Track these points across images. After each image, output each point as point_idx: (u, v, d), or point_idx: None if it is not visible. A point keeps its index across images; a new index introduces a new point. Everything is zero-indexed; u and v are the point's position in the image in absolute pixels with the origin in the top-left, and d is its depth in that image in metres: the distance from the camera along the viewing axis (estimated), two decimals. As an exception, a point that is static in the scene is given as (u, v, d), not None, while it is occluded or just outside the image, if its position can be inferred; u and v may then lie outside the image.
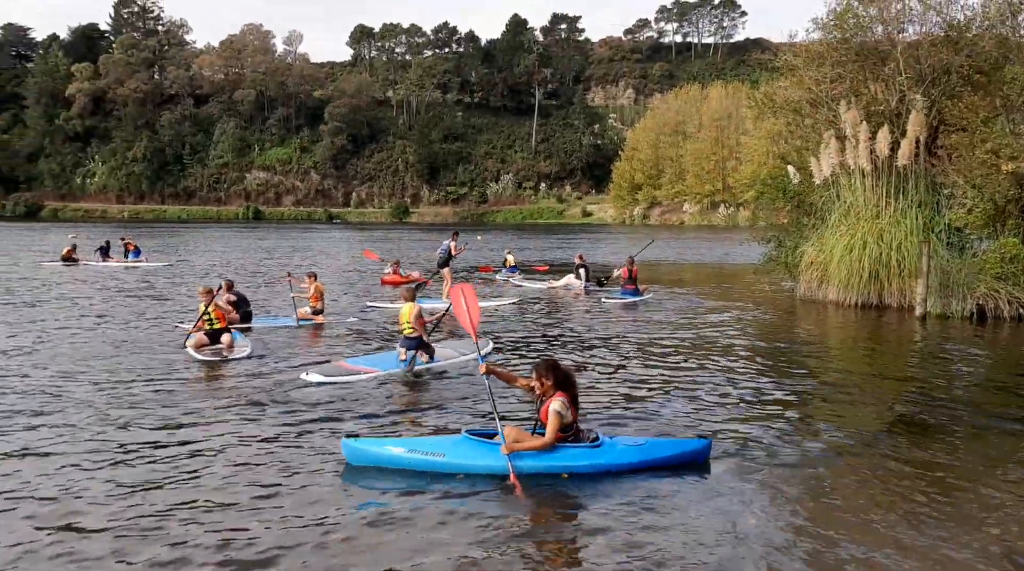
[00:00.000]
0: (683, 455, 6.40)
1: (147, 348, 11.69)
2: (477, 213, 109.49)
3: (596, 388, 9.21)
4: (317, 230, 72.95)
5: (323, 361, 10.53)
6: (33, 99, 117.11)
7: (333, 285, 21.57)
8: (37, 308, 16.29)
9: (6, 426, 7.42)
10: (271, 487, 5.87)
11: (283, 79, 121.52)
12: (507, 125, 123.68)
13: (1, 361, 10.52)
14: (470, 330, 7.18)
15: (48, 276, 23.85)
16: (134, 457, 6.54)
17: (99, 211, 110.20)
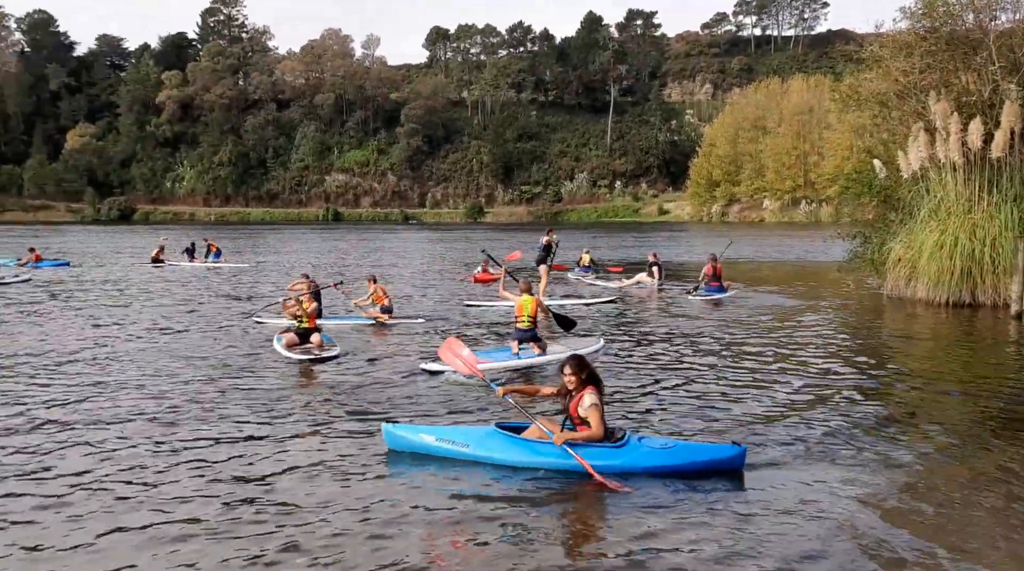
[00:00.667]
0: (713, 462, 6.04)
1: (235, 346, 12.15)
2: (551, 212, 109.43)
3: (677, 385, 9.19)
4: (393, 231, 74.18)
5: (423, 357, 10.66)
6: (126, 107, 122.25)
7: (413, 286, 21.97)
8: (130, 308, 17.09)
9: (105, 419, 7.83)
10: (345, 477, 6.05)
11: (361, 82, 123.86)
12: (582, 123, 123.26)
13: (98, 359, 11.08)
14: (473, 371, 7.29)
15: (139, 277, 24.95)
16: (223, 452, 6.84)
17: (187, 214, 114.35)
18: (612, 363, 10.54)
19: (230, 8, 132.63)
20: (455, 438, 6.58)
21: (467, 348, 7.56)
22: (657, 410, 8.11)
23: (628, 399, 8.61)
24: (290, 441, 7.08)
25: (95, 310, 16.55)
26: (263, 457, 6.60)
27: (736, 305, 16.89)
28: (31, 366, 10.47)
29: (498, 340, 12.47)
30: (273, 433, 7.33)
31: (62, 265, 29.14)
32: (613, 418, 7.62)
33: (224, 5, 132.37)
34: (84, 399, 8.65)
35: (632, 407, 8.25)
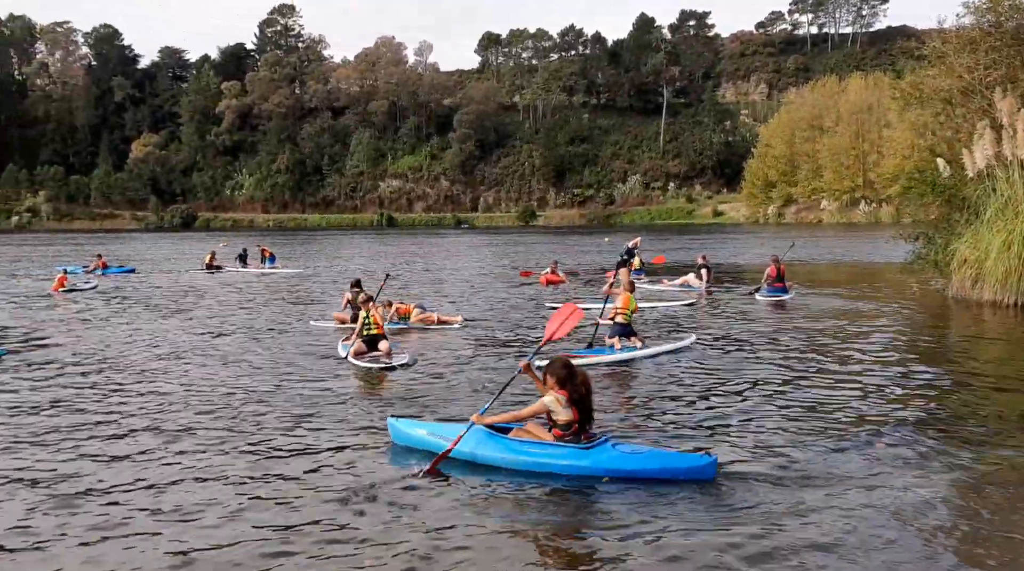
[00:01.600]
0: (681, 471, 5.90)
1: (298, 352, 12.42)
2: (604, 215, 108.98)
3: (741, 389, 9.16)
4: (446, 235, 74.75)
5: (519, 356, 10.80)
6: (187, 117, 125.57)
7: (469, 289, 22.17)
8: (190, 313, 17.57)
9: (166, 426, 8.10)
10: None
11: (414, 89, 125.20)
12: (634, 125, 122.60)
13: (158, 365, 11.42)
14: (547, 335, 7.42)
15: (196, 283, 25.63)
16: (279, 453, 7.02)
17: (247, 220, 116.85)
18: (679, 366, 10.60)
19: (287, 19, 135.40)
20: (443, 433, 6.72)
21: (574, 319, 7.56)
22: (723, 413, 8.10)
23: (691, 401, 8.63)
24: (350, 448, 7.24)
25: (157, 315, 17.06)
26: (324, 464, 6.77)
27: (799, 307, 16.73)
28: (95, 369, 10.89)
29: (571, 342, 12.53)
30: (329, 437, 7.51)
31: (128, 271, 30.06)
32: (656, 421, 7.65)
33: (281, 16, 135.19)
34: (146, 401, 8.97)
35: (693, 408, 8.28)
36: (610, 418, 7.93)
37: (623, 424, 7.75)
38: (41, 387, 9.76)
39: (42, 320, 16.48)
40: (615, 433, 6.96)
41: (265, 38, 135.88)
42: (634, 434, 7.35)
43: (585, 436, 6.29)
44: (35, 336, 14.19)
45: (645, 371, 10.34)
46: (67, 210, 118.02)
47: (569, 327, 7.53)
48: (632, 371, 10.41)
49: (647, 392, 9.22)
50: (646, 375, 10.15)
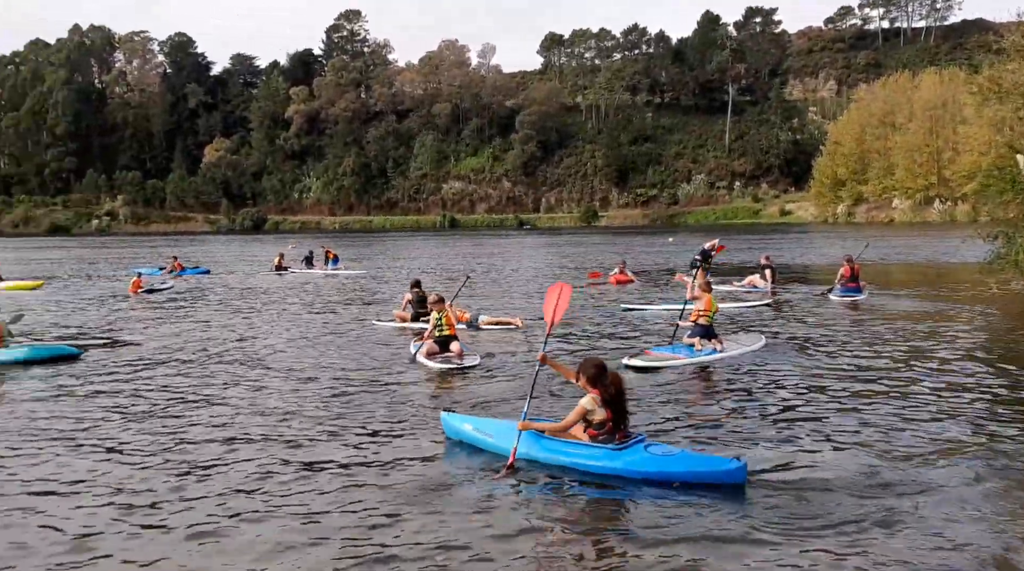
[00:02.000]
0: (711, 474, 5.87)
1: (361, 351, 12.65)
2: (667, 215, 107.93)
3: (806, 391, 9.02)
4: (508, 236, 74.99)
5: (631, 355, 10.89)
6: (257, 122, 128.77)
7: (535, 290, 22.24)
8: (261, 313, 18.05)
9: (238, 424, 8.34)
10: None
11: (477, 91, 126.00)
12: (699, 124, 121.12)
13: (231, 364, 11.75)
14: (548, 322, 7.43)
15: (266, 284, 26.30)
16: (347, 451, 7.17)
17: (314, 222, 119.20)
18: (752, 367, 10.53)
19: (353, 24, 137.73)
20: (485, 429, 7.03)
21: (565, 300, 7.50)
22: (788, 418, 7.98)
23: (758, 404, 8.54)
24: (412, 446, 7.37)
25: (229, 315, 17.57)
26: (383, 459, 6.90)
27: (873, 308, 16.40)
28: (171, 368, 11.27)
29: (643, 342, 12.61)
30: (388, 434, 7.65)
31: (203, 272, 31.08)
32: (722, 421, 7.57)
33: (347, 21, 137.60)
34: (219, 399, 9.25)
35: (759, 411, 8.19)
36: (674, 418, 7.93)
37: (685, 425, 7.73)
38: (119, 385, 10.15)
39: (120, 320, 17.12)
40: (674, 434, 6.95)
41: (332, 43, 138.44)
42: (695, 435, 7.33)
43: (620, 435, 6.35)
44: (113, 335, 14.76)
45: (721, 373, 10.33)
46: (144, 213, 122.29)
47: (564, 305, 7.45)
48: (709, 373, 10.41)
49: (717, 394, 9.20)
50: (721, 377, 10.12)
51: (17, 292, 24.60)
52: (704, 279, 12.87)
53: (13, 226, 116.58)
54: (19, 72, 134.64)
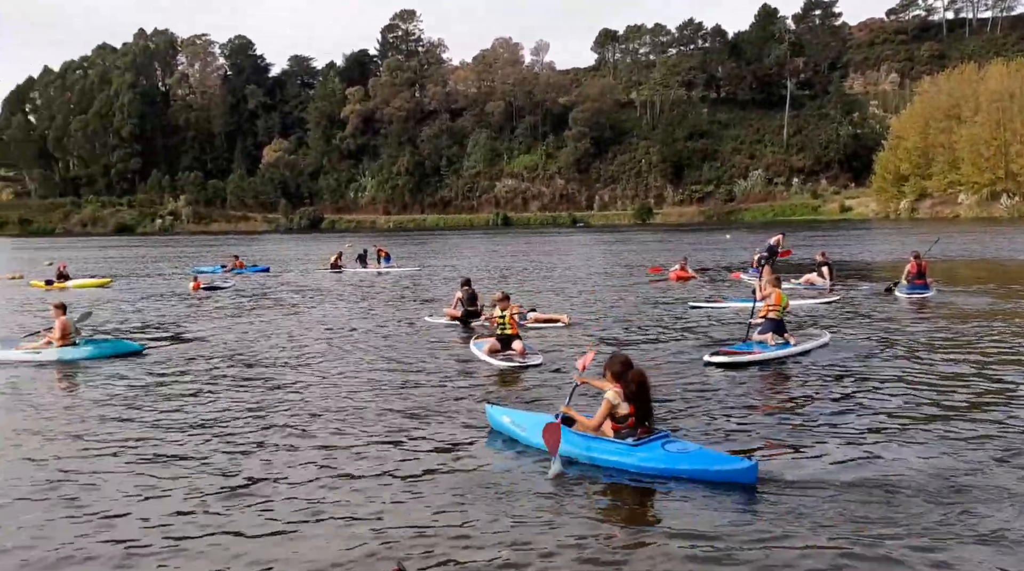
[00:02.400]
0: (722, 472, 5.97)
1: (412, 346, 12.76)
2: (724, 212, 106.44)
3: (869, 390, 8.89)
4: (561, 234, 74.83)
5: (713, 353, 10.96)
6: (314, 122, 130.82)
7: (591, 287, 22.21)
8: (316, 309, 18.35)
9: (296, 420, 8.47)
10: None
11: (530, 88, 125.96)
12: (756, 119, 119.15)
13: (288, 360, 11.98)
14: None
15: (323, 282, 26.73)
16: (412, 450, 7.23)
17: (369, 221, 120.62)
18: (816, 364, 10.49)
19: (407, 24, 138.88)
20: (520, 421, 7.36)
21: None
22: (866, 415, 7.86)
23: (837, 400, 8.49)
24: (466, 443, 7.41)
25: (286, 312, 17.93)
26: (431, 452, 6.95)
27: (942, 305, 16.00)
28: (229, 364, 11.53)
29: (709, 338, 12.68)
30: (440, 427, 7.72)
31: (263, 270, 31.84)
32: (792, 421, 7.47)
33: (402, 21, 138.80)
34: (276, 395, 9.43)
35: (838, 407, 8.14)
36: (749, 414, 7.97)
37: (758, 423, 7.77)
38: (178, 381, 10.43)
39: (181, 317, 17.57)
40: (750, 429, 6.89)
41: (387, 43, 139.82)
42: (768, 433, 7.33)
43: (643, 431, 6.50)
44: (174, 332, 15.16)
45: (794, 369, 10.39)
46: (205, 213, 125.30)
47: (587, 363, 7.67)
48: (784, 368, 10.48)
49: (793, 389, 9.28)
50: (794, 373, 10.16)
51: (87, 290, 25.47)
52: (771, 275, 12.83)
53: (82, 226, 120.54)
54: (87, 76, 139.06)
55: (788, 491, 5.76)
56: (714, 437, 7.26)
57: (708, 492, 5.84)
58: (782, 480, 5.98)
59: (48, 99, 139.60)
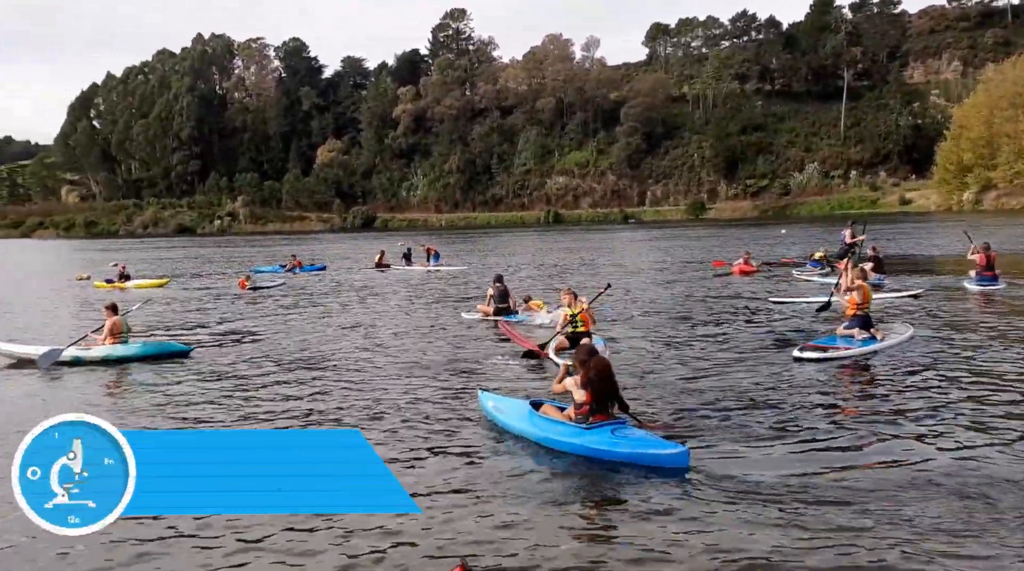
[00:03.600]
0: (654, 456, 6.45)
1: (453, 342, 12.80)
2: (779, 206, 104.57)
3: (967, 383, 8.85)
4: (613, 231, 74.42)
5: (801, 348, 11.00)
6: (367, 122, 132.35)
7: (650, 283, 22.17)
8: (364, 306, 18.58)
9: (347, 415, 8.55)
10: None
11: (581, 84, 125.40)
12: (812, 111, 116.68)
13: (337, 356, 12.14)
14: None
15: (373, 280, 27.09)
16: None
17: (421, 220, 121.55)
18: (907, 358, 10.39)
19: (458, 22, 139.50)
20: (500, 406, 7.93)
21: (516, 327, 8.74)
22: (953, 410, 7.81)
23: (926, 395, 8.46)
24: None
25: (335, 309, 18.26)
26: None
27: (1014, 298, 15.64)
28: (278, 362, 11.74)
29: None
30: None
31: (319, 269, 32.55)
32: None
33: (452, 20, 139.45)
34: (325, 391, 9.57)
35: (927, 402, 8.12)
36: (837, 411, 8.07)
37: (839, 417, 7.81)
38: (222, 383, 10.62)
39: (231, 317, 17.95)
40: (846, 423, 7.25)
41: (438, 42, 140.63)
42: (856, 427, 7.38)
43: (599, 417, 6.98)
44: (223, 332, 15.48)
45: (882, 363, 10.35)
46: (261, 213, 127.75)
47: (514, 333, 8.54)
48: (871, 363, 10.43)
49: (880, 384, 9.26)
50: (882, 367, 10.11)
51: (143, 290, 26.20)
52: (852, 270, 12.74)
53: (144, 227, 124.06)
54: (148, 81, 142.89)
55: (880, 488, 5.80)
56: (799, 434, 7.26)
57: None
58: (872, 477, 6.00)
59: (111, 104, 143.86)
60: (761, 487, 5.91)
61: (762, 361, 10.65)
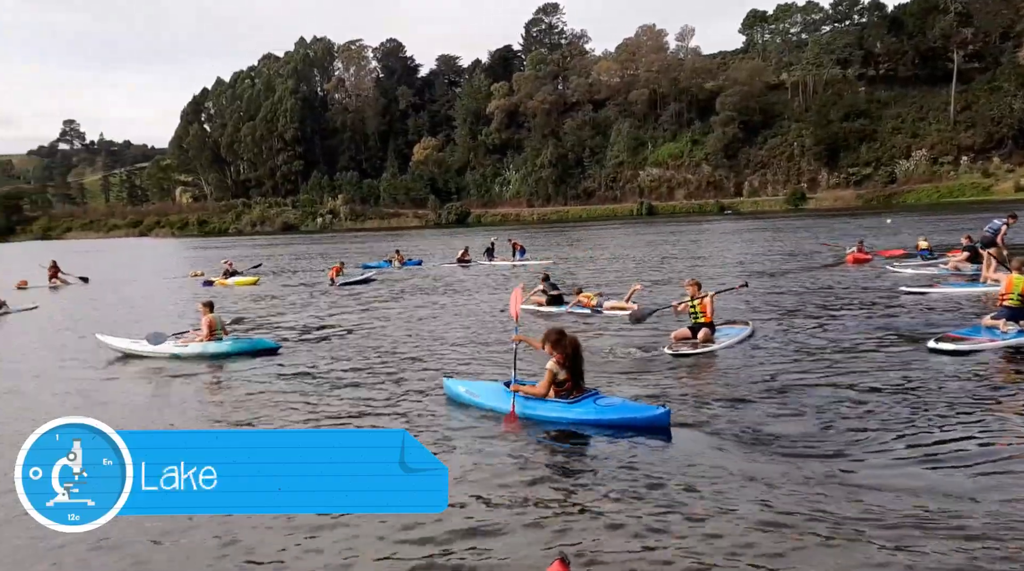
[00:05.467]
0: (639, 419, 7.41)
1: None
2: (883, 195, 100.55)
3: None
4: (708, 222, 73.31)
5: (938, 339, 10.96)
6: (461, 119, 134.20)
7: (779, 274, 22.30)
8: (453, 299, 19.38)
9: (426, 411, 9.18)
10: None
11: (675, 75, 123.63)
12: (918, 96, 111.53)
13: (412, 359, 12.79)
14: (513, 314, 9.21)
15: (461, 275, 27.87)
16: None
17: (513, 215, 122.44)
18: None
19: (550, 17, 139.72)
20: (474, 390, 8.81)
21: (519, 298, 9.43)
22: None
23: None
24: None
25: (418, 303, 19.15)
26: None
27: None
28: (361, 363, 12.44)
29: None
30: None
31: (416, 264, 33.75)
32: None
33: (545, 15, 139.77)
34: (399, 392, 10.23)
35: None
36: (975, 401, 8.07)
37: (976, 411, 7.78)
38: (309, 377, 11.38)
39: (319, 314, 18.97)
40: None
41: (530, 38, 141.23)
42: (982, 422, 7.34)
43: (577, 391, 7.92)
44: (311, 328, 16.45)
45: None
46: (360, 211, 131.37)
47: (517, 304, 9.21)
48: (1018, 356, 10.15)
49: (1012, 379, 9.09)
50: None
51: (241, 286, 27.83)
52: (994, 262, 12.53)
53: (251, 226, 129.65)
54: (254, 85, 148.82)
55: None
56: (936, 431, 7.26)
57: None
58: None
59: (220, 108, 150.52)
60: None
61: (895, 351, 10.56)
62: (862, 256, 23.06)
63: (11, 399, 10.77)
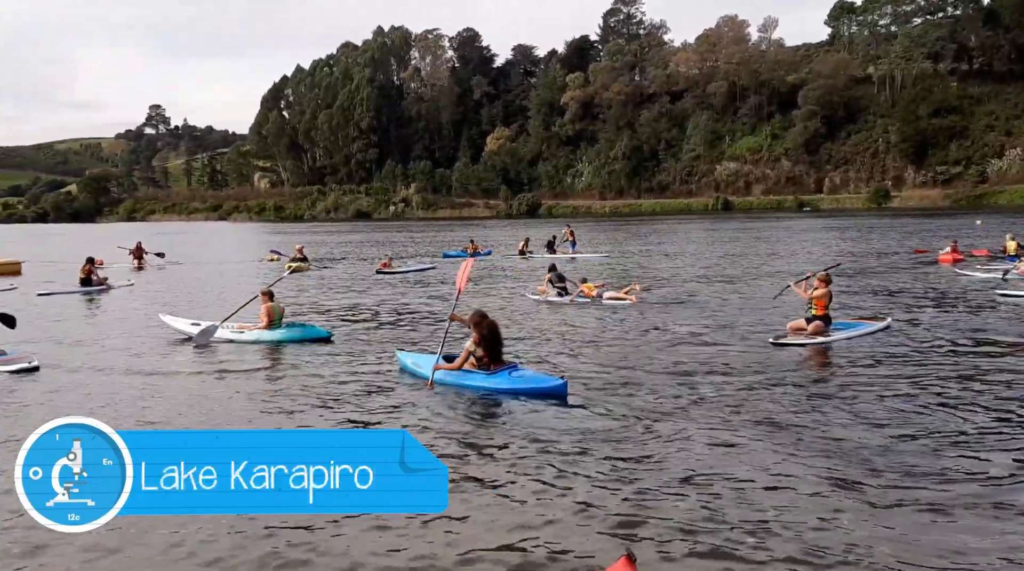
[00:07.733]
0: (541, 389, 8.89)
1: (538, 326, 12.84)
2: (973, 195, 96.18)
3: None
4: (785, 219, 71.37)
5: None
6: (535, 110, 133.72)
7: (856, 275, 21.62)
8: (496, 293, 18.99)
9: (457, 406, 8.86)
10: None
11: (756, 67, 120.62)
12: (1015, 92, 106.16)
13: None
14: (457, 289, 10.69)
15: (510, 267, 27.75)
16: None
17: (584, 207, 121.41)
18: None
19: (629, 7, 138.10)
20: (419, 362, 10.29)
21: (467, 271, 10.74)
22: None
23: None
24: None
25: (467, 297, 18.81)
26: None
27: None
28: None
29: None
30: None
31: (486, 254, 33.88)
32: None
33: (624, 4, 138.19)
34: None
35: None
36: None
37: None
38: (355, 369, 11.18)
39: (371, 301, 18.87)
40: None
41: (608, 28, 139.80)
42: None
43: (496, 365, 9.46)
44: (365, 317, 16.28)
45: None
46: (432, 200, 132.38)
47: (465, 276, 10.57)
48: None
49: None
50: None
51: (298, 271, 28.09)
52: None
53: (326, 213, 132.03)
54: (332, 73, 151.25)
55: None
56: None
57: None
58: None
59: (299, 95, 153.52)
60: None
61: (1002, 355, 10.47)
62: (955, 256, 22.48)
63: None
